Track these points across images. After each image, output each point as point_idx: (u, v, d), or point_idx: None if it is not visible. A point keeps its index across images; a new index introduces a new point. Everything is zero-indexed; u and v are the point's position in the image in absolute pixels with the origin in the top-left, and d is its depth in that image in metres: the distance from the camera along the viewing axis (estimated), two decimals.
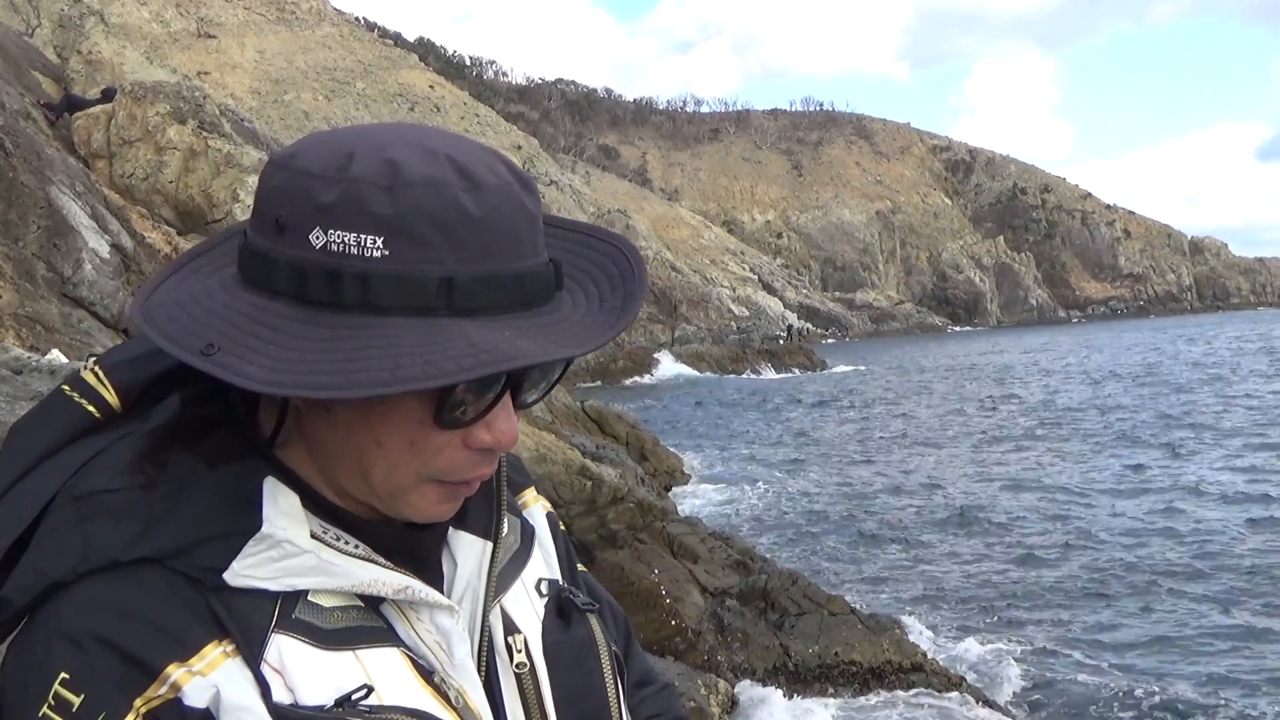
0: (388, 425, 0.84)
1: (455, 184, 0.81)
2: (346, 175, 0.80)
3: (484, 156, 0.85)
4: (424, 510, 0.89)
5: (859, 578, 14.09)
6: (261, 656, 0.80)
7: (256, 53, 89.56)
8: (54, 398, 0.90)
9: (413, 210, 0.79)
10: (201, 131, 22.15)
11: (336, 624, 0.84)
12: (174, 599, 0.79)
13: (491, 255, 0.81)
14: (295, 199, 0.82)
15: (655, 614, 10.50)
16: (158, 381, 0.90)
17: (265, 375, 0.77)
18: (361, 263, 0.79)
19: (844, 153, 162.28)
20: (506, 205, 0.83)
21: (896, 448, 26.94)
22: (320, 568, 0.84)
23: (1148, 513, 17.48)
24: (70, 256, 12.23)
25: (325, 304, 0.80)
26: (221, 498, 0.83)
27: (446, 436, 0.85)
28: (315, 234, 0.80)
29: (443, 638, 0.89)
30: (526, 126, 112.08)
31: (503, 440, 0.86)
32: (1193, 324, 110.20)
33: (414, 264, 0.79)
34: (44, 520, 0.82)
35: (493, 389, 0.84)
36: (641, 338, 65.86)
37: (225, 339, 0.79)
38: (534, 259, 0.85)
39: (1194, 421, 28.69)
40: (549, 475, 11.67)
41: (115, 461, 0.84)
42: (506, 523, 1.02)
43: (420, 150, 0.83)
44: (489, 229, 0.81)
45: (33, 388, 5.43)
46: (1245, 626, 11.65)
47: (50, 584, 0.79)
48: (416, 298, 0.79)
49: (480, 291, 0.81)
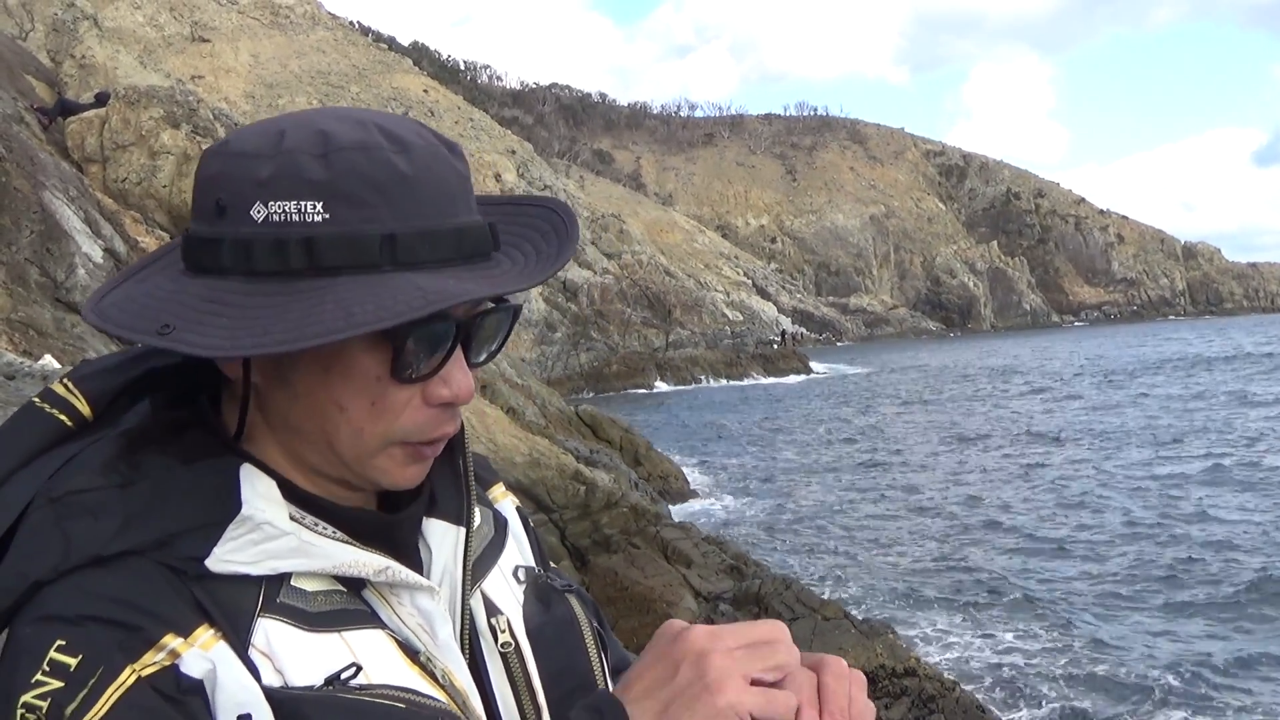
0: (347, 386, 0.86)
1: (385, 146, 0.84)
2: (281, 149, 0.83)
3: (409, 123, 0.89)
4: (392, 474, 0.90)
5: (852, 583, 14.09)
6: (249, 641, 0.81)
7: (250, 57, 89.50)
8: (25, 410, 0.91)
9: (348, 173, 0.82)
10: (195, 136, 22.12)
11: (320, 607, 0.85)
12: (159, 587, 0.80)
13: (427, 211, 0.84)
14: (233, 180, 0.84)
15: (648, 619, 10.50)
16: (127, 389, 0.92)
17: (225, 342, 0.79)
18: (304, 228, 0.81)
19: (838, 157, 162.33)
20: (436, 164, 0.86)
21: (891, 453, 26.96)
22: (301, 549, 0.84)
23: (1141, 514, 17.53)
24: (63, 261, 12.21)
25: (273, 273, 0.82)
26: (198, 491, 0.85)
27: (405, 393, 0.87)
28: (256, 209, 0.82)
29: (425, 619, 0.90)
30: (521, 131, 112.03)
31: (460, 393, 0.89)
32: (1168, 329, 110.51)
33: (355, 224, 0.82)
34: (22, 524, 0.82)
35: (444, 343, 0.86)
36: (635, 342, 65.78)
37: (179, 319, 0.81)
38: (468, 216, 0.88)
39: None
40: (542, 480, 11.67)
41: (90, 463, 0.85)
42: (479, 513, 1.03)
43: (349, 120, 0.86)
44: (422, 186, 0.84)
45: (25, 393, 5.41)
46: (1227, 635, 11.68)
47: (33, 584, 0.79)
48: (361, 255, 0.82)
49: (421, 245, 0.83)
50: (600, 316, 64.93)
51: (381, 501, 0.97)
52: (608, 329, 64.69)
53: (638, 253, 76.39)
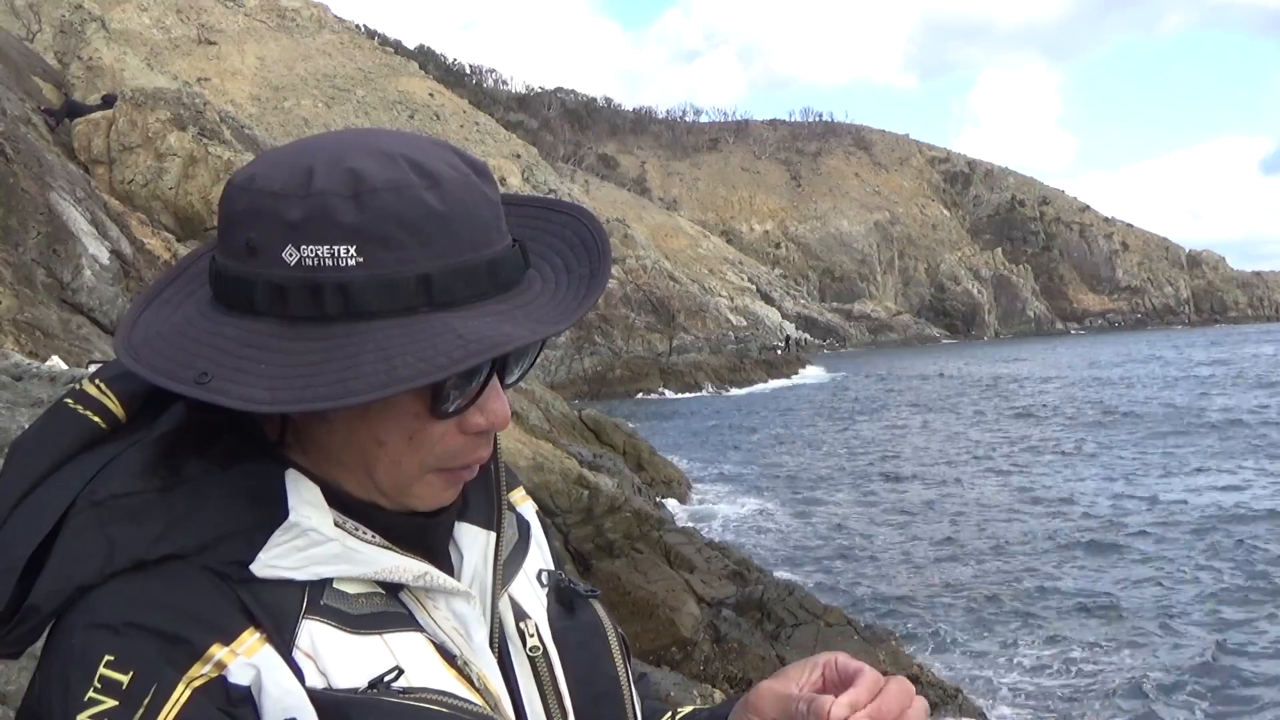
0: (386, 424, 0.86)
1: (417, 184, 0.83)
2: (310, 190, 0.82)
3: (438, 151, 0.88)
4: (429, 499, 0.92)
5: (855, 589, 14.08)
6: (293, 643, 0.81)
7: (257, 59, 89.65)
8: (57, 411, 0.90)
9: (380, 215, 0.81)
10: (201, 138, 22.18)
11: (362, 609, 0.86)
12: (205, 590, 0.81)
13: (462, 246, 0.84)
14: (262, 220, 0.83)
15: (651, 624, 10.49)
16: (160, 390, 0.89)
17: (265, 396, 0.79)
18: (338, 273, 0.81)
19: (843, 163, 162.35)
20: (468, 196, 0.86)
21: (897, 461, 26.94)
22: (344, 555, 0.85)
23: (1145, 526, 17.51)
24: (70, 262, 12.24)
25: (309, 318, 0.82)
26: (239, 495, 0.85)
27: (443, 426, 0.87)
28: (289, 252, 0.81)
29: (460, 624, 0.91)
30: (526, 135, 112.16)
31: (496, 421, 0.89)
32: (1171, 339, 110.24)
33: (390, 266, 0.81)
34: (64, 527, 0.82)
35: (480, 374, 0.86)
36: (639, 347, 65.78)
37: (216, 365, 0.81)
38: (501, 243, 0.88)
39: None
40: (546, 484, 11.68)
41: (129, 467, 0.85)
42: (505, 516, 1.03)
43: (378, 155, 0.85)
44: (456, 221, 0.84)
45: (32, 394, 5.44)
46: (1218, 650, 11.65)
47: (78, 588, 0.80)
48: (397, 299, 0.81)
49: (457, 283, 0.83)
50: (604, 321, 64.94)
51: None
52: (611, 334, 64.70)
53: (642, 258, 76.43)
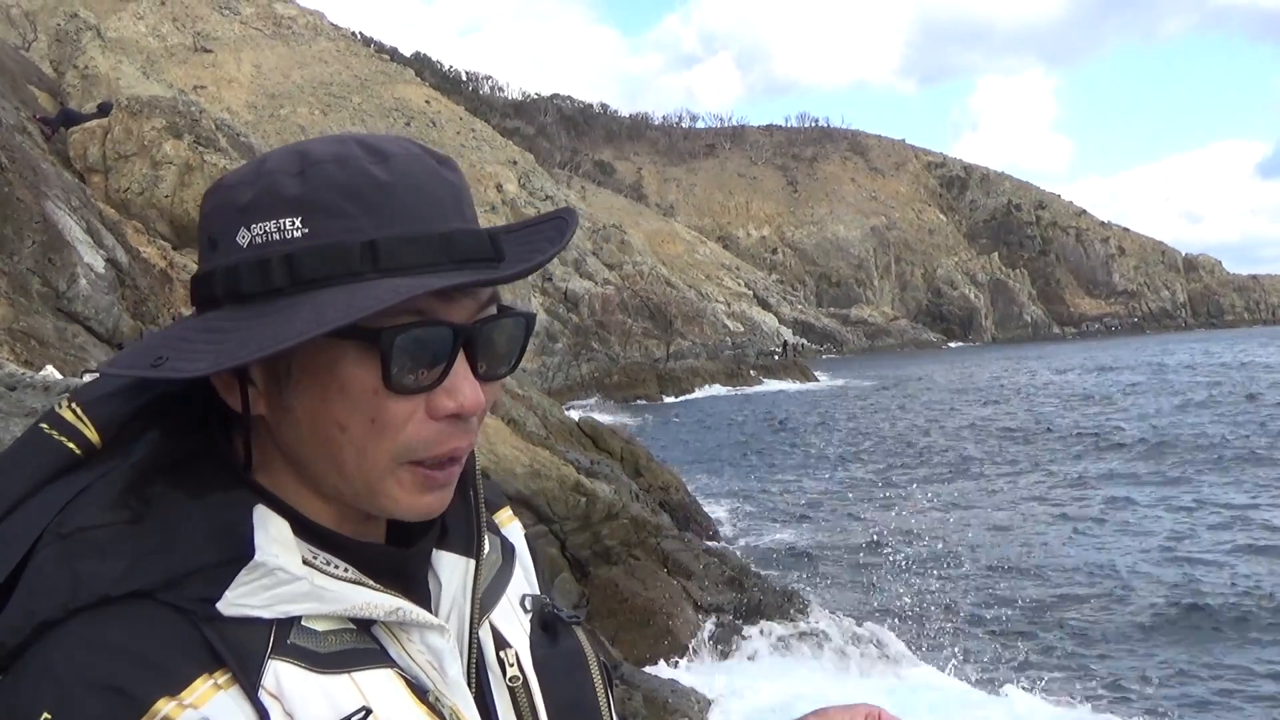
0: (344, 403, 0.84)
1: (362, 157, 0.84)
2: (261, 172, 0.85)
3: (395, 139, 0.88)
4: (404, 502, 0.88)
5: (853, 595, 14.07)
6: (259, 683, 0.79)
7: (253, 67, 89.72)
8: (32, 436, 0.89)
9: (323, 185, 0.82)
10: (197, 146, 22.17)
11: (331, 647, 0.84)
12: (164, 633, 0.79)
13: (409, 217, 0.83)
14: (221, 212, 0.85)
15: (649, 630, 10.49)
16: (137, 416, 0.90)
17: (207, 361, 0.79)
18: (284, 245, 0.82)
19: (839, 169, 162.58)
20: (418, 170, 0.85)
21: (896, 468, 26.95)
22: (313, 594, 0.83)
23: (1149, 547, 17.51)
24: (65, 271, 12.22)
25: (259, 294, 0.82)
26: (209, 529, 0.84)
27: (407, 406, 0.84)
28: (240, 234, 0.83)
29: (434, 657, 0.89)
30: (522, 142, 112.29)
31: (466, 404, 0.85)
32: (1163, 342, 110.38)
33: (335, 235, 0.82)
34: (31, 560, 0.81)
35: (444, 352, 0.84)
36: (637, 353, 65.82)
37: (173, 350, 0.82)
38: (459, 222, 0.86)
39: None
40: (543, 491, 11.66)
41: (100, 498, 0.84)
42: (488, 541, 1.01)
43: (328, 139, 0.87)
44: (402, 192, 0.83)
45: (27, 404, 5.42)
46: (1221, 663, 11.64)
47: (40, 623, 0.78)
48: (342, 265, 0.81)
49: (404, 251, 0.82)
50: (601, 327, 65.00)
51: (391, 530, 0.96)
52: (609, 339, 64.76)
53: (639, 263, 76.51)
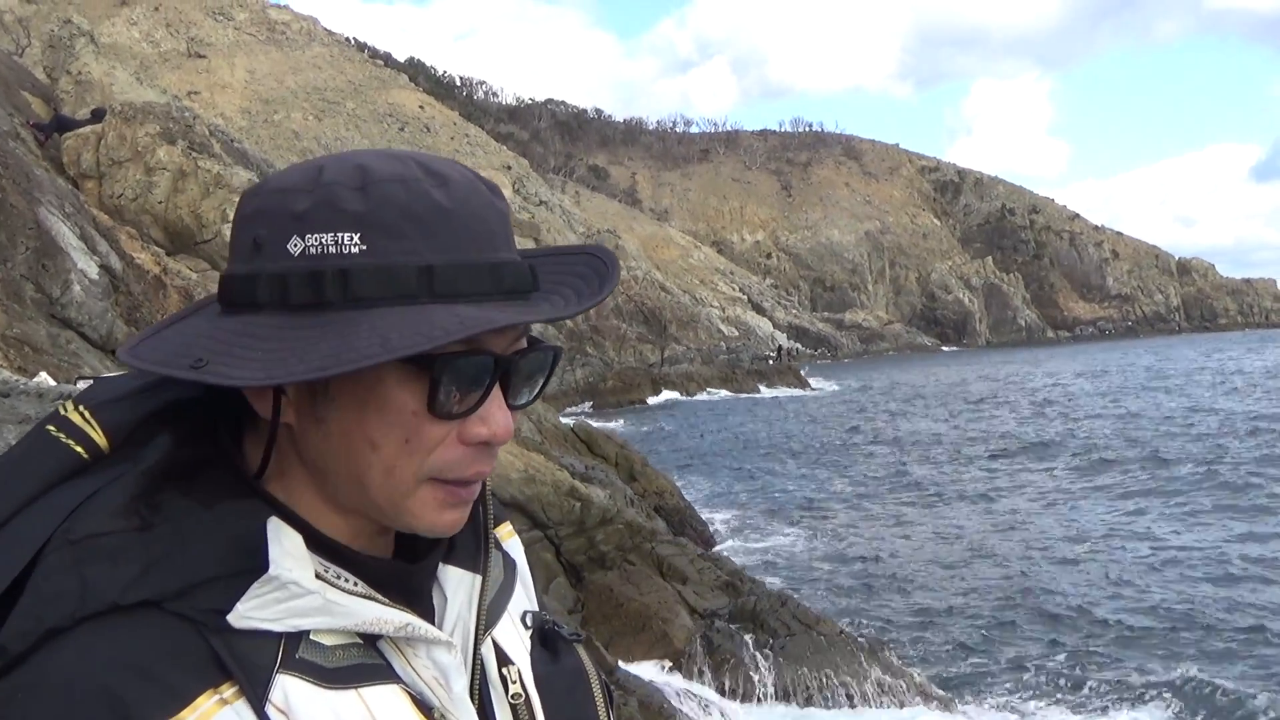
0: (382, 421, 0.83)
1: (424, 179, 0.84)
2: (319, 183, 0.83)
3: (448, 161, 0.88)
4: (426, 518, 0.88)
5: (849, 600, 14.08)
6: (266, 697, 0.79)
7: (247, 73, 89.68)
8: (37, 438, 0.87)
9: (385, 204, 0.82)
10: (191, 152, 22.16)
11: (339, 662, 0.84)
12: (171, 645, 0.78)
13: (466, 244, 0.83)
14: (270, 215, 0.84)
15: (644, 635, 10.48)
16: (146, 421, 0.88)
17: (258, 373, 0.78)
18: (340, 259, 0.81)
19: (833, 173, 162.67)
20: (475, 198, 0.86)
21: (893, 473, 26.97)
22: (325, 608, 0.83)
23: (1150, 551, 17.52)
24: (59, 277, 12.20)
25: (309, 306, 0.81)
26: (220, 538, 0.83)
27: (441, 430, 0.85)
28: (293, 242, 0.82)
29: (440, 673, 0.88)
30: (516, 147, 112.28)
31: (499, 432, 0.86)
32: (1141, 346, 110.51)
33: (392, 255, 0.81)
34: (39, 565, 0.80)
35: (483, 379, 0.84)
36: (631, 358, 65.82)
37: (213, 353, 0.81)
38: (508, 252, 0.87)
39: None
40: (538, 496, 11.65)
41: (109, 504, 0.83)
42: (493, 558, 1.01)
43: (388, 156, 0.86)
44: (461, 219, 0.84)
45: (20, 410, 5.41)
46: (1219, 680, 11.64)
47: (48, 630, 0.77)
48: (398, 286, 0.81)
49: (459, 278, 0.82)
50: (596, 332, 64.98)
51: (398, 544, 0.95)
52: (603, 345, 64.76)
53: (633, 269, 76.52)
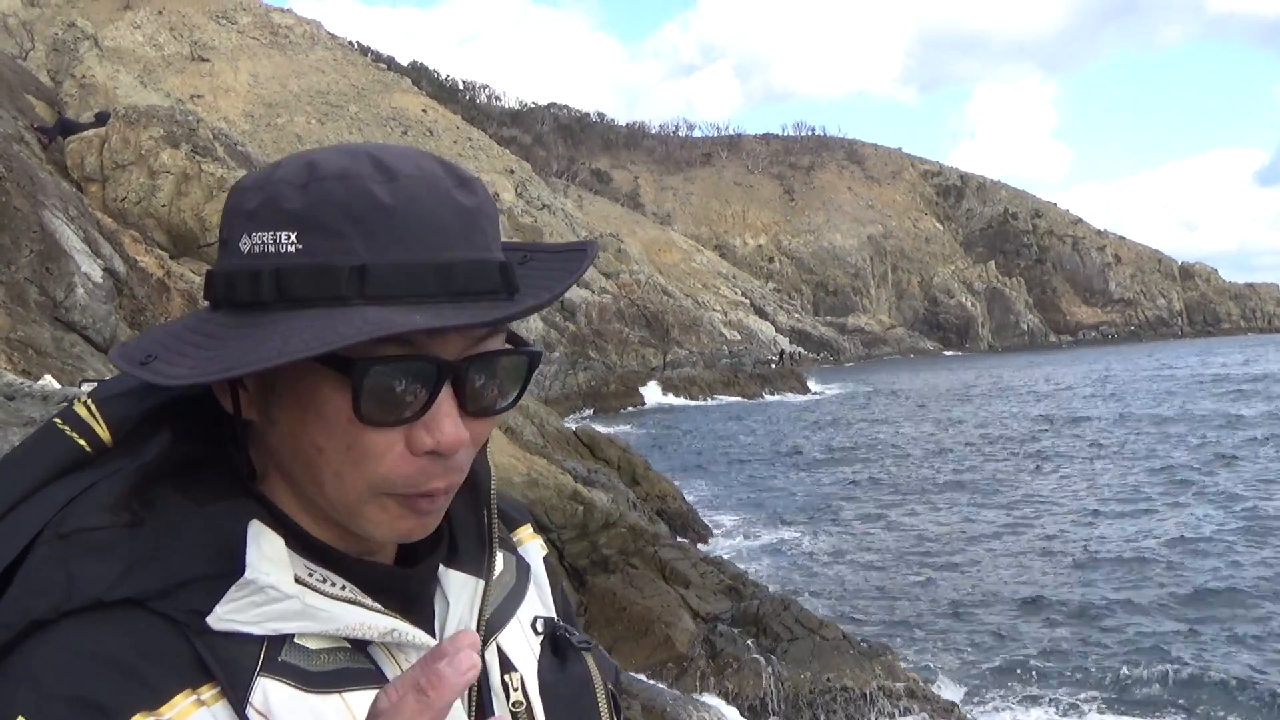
0: (321, 427, 0.82)
1: (369, 175, 0.81)
2: (270, 180, 0.83)
3: (415, 156, 0.84)
4: (385, 526, 0.85)
5: (851, 604, 14.06)
6: (247, 700, 0.78)
7: (250, 76, 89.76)
8: (45, 430, 0.88)
9: (323, 202, 0.80)
10: (194, 155, 22.20)
11: (323, 666, 0.82)
12: (152, 643, 0.78)
13: (407, 243, 0.80)
14: (231, 213, 0.85)
15: (647, 639, 10.48)
16: (150, 417, 0.88)
17: (185, 371, 0.78)
18: (277, 259, 0.80)
19: (835, 177, 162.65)
20: (426, 194, 0.81)
21: (893, 477, 26.94)
22: (305, 613, 0.81)
23: (1155, 550, 17.50)
24: (63, 281, 12.22)
25: (251, 305, 0.81)
26: (207, 539, 0.82)
27: (385, 438, 0.82)
28: (243, 240, 0.82)
29: None
30: (519, 150, 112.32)
31: (445, 441, 0.82)
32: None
33: (327, 255, 0.79)
34: (29, 556, 0.80)
35: (427, 385, 0.81)
36: (633, 361, 65.82)
37: (165, 349, 0.81)
38: (465, 251, 0.82)
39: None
40: (541, 500, 11.66)
41: (102, 498, 0.83)
42: (502, 559, 1.00)
43: (343, 151, 0.84)
44: (403, 217, 0.80)
45: (25, 413, 5.43)
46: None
47: (31, 622, 0.77)
48: (329, 287, 0.79)
49: (396, 279, 0.79)
50: (598, 336, 65.00)
51: (400, 550, 0.93)
52: (606, 348, 64.76)
53: (636, 272, 76.53)
